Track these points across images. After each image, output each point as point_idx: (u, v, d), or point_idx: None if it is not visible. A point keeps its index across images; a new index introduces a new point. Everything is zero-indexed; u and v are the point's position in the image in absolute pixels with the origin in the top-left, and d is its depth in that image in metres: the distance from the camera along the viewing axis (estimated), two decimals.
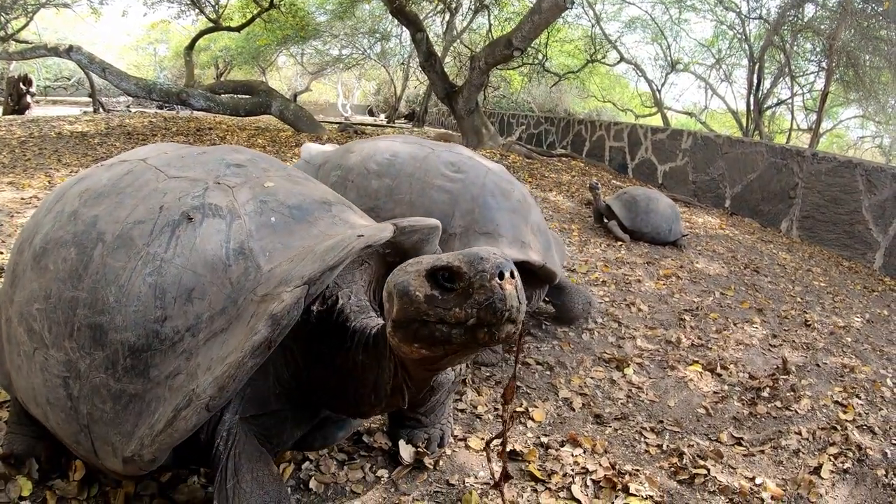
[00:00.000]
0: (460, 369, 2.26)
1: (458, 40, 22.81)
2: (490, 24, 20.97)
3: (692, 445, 2.81)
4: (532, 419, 2.89)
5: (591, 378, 3.40)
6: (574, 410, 3.03)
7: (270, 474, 1.74)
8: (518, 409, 2.95)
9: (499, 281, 1.40)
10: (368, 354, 1.80)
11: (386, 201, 3.18)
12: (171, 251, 1.73)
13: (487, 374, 3.28)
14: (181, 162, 2.04)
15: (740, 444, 2.89)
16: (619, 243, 6.56)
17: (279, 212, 1.89)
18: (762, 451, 2.84)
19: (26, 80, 18.12)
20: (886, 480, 2.70)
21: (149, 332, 1.65)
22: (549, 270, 3.36)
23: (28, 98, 18.02)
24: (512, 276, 1.43)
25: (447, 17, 22.06)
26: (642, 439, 2.84)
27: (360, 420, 2.25)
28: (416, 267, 1.50)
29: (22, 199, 5.80)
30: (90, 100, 19.86)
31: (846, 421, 3.18)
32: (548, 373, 3.42)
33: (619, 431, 2.90)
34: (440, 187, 3.25)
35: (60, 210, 1.96)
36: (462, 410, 2.90)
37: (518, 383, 3.22)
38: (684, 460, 2.66)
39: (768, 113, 19.29)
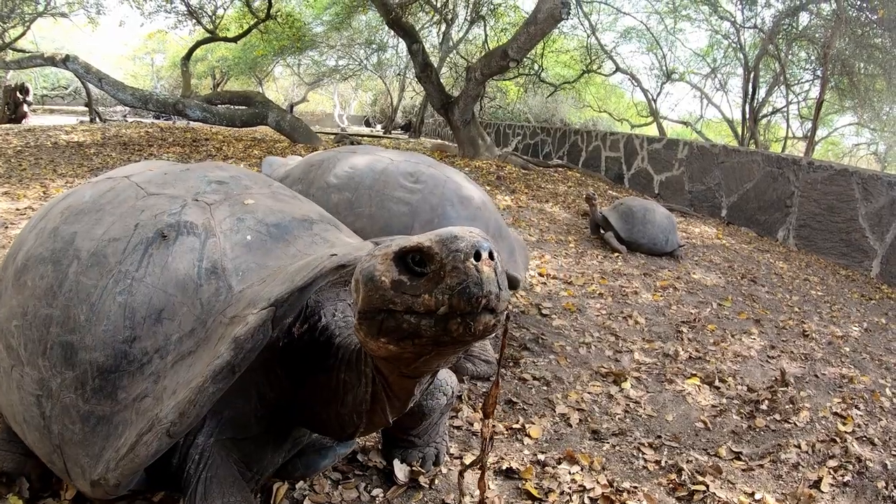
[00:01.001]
0: (453, 391, 2.22)
1: (455, 51, 22.92)
2: (486, 35, 21.09)
3: (691, 461, 2.78)
4: (528, 436, 2.86)
5: (589, 393, 3.37)
6: (571, 426, 3.00)
7: (244, 501, 1.68)
8: (514, 426, 2.92)
9: (474, 262, 1.23)
10: (351, 370, 1.71)
11: (346, 215, 3.15)
12: (142, 270, 1.70)
13: (484, 390, 3.25)
14: (163, 179, 2.01)
15: (739, 459, 2.86)
16: (616, 255, 6.54)
17: (256, 230, 1.84)
18: (761, 466, 2.81)
19: (23, 90, 18.17)
20: (887, 492, 2.68)
21: (117, 353, 1.62)
22: (510, 276, 3.33)
23: (25, 107, 18.06)
24: (491, 256, 1.26)
25: (443, 27, 22.20)
26: (640, 455, 2.80)
27: (346, 448, 2.20)
28: (383, 250, 1.35)
29: (17, 209, 5.77)
30: (87, 109, 19.87)
31: (845, 433, 3.16)
32: (544, 388, 3.38)
33: (617, 447, 2.86)
34: (399, 199, 3.23)
35: (43, 227, 1.94)
36: (458, 428, 2.86)
37: (514, 399, 3.18)
38: (683, 476, 2.63)
39: (764, 122, 19.41)
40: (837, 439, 3.07)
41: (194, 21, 18.40)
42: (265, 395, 1.80)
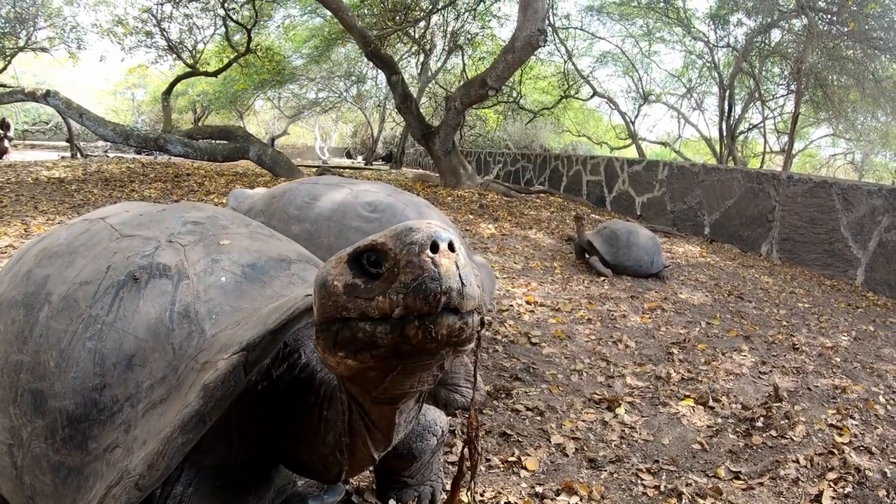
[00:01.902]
0: (443, 431, 2.15)
1: (434, 81, 23.14)
2: (464, 64, 21.33)
3: (690, 484, 2.74)
4: (525, 468, 2.79)
5: (583, 421, 3.31)
6: (567, 456, 2.94)
7: None
8: (510, 459, 2.85)
9: (431, 254, 1.09)
10: (333, 407, 1.61)
11: (306, 246, 3.12)
12: (113, 314, 1.64)
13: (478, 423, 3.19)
14: (138, 220, 1.97)
15: (738, 478, 2.82)
16: (602, 279, 6.51)
17: (231, 271, 1.79)
18: (761, 484, 2.77)
19: (4, 125, 18.07)
20: (888, 501, 2.66)
21: (87, 401, 1.56)
22: None
23: (6, 142, 17.93)
24: (451, 248, 1.12)
25: (422, 58, 22.42)
26: (639, 482, 2.75)
27: (334, 497, 2.12)
28: (338, 254, 1.23)
29: None
30: (68, 144, 19.77)
31: (843, 444, 3.13)
32: (538, 418, 3.31)
33: (615, 475, 2.81)
34: (357, 229, 3.20)
35: (18, 269, 1.90)
36: (452, 463, 2.78)
37: (508, 431, 3.11)
38: (683, 500, 2.58)
39: (741, 138, 19.75)
40: (835, 451, 3.05)
41: (174, 56, 18.47)
42: (247, 439, 1.73)
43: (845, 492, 2.72)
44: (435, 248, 1.11)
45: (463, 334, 1.15)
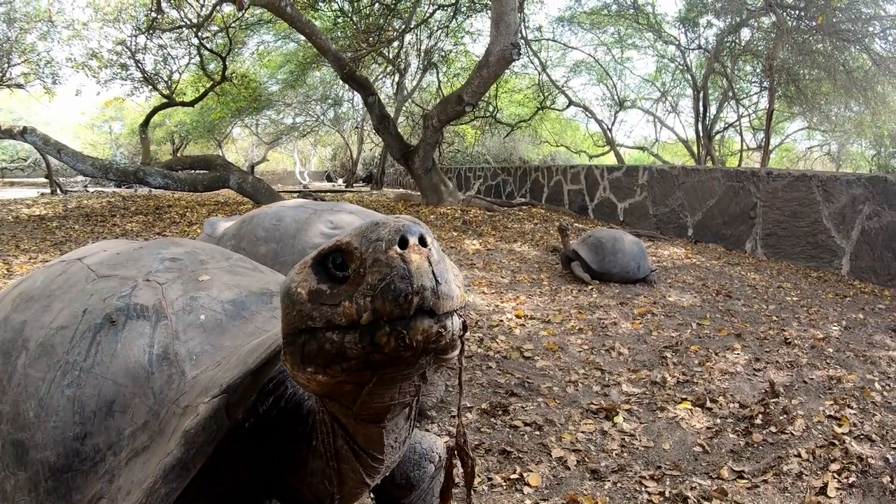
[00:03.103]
0: (440, 457, 2.11)
1: (410, 100, 23.25)
2: (439, 82, 21.49)
3: (695, 487, 2.71)
4: (528, 485, 2.74)
5: (582, 432, 3.27)
6: (569, 469, 2.90)
7: None
8: (512, 476, 2.81)
9: (399, 251, 0.98)
10: (319, 435, 1.53)
11: (272, 265, 3.16)
12: (90, 359, 1.58)
13: (476, 443, 3.14)
14: (115, 259, 1.92)
15: (742, 477, 2.80)
16: (590, 287, 6.50)
17: (210, 308, 1.73)
18: (765, 481, 2.75)
19: None
20: (893, 486, 2.65)
21: (69, 451, 1.50)
22: None
23: None
24: (423, 243, 1.00)
25: (397, 77, 22.53)
26: (643, 489, 2.72)
27: None
28: (304, 259, 1.12)
29: None
30: (47, 181, 19.58)
31: (843, 434, 3.13)
32: (537, 433, 3.27)
33: (619, 484, 2.77)
34: (317, 246, 3.24)
35: None
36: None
37: (507, 448, 3.07)
38: None
39: (717, 138, 19.95)
40: (836, 442, 3.04)
41: (150, 87, 18.44)
42: (236, 477, 1.67)
43: (850, 481, 2.71)
44: (404, 243, 0.99)
45: (442, 340, 1.02)
